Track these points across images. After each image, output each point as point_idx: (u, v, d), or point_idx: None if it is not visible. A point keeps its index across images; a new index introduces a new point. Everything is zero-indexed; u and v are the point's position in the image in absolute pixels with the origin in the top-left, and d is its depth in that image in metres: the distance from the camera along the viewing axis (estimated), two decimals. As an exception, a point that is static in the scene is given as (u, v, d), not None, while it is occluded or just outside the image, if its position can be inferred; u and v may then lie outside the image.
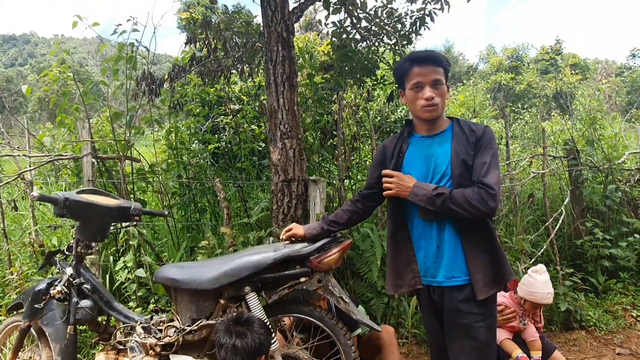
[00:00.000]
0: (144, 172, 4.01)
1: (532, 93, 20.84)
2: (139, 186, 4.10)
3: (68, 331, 2.06)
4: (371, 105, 5.91)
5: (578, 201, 4.25)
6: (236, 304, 1.89)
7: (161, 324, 2.02)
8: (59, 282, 2.08)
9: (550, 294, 2.39)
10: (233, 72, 5.02)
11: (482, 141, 1.68)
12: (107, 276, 3.27)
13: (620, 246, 3.96)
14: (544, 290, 2.37)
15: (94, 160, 3.38)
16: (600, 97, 10.68)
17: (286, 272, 1.85)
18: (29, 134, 4.53)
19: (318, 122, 4.61)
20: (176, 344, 1.91)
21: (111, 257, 3.37)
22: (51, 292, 2.06)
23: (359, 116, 5.14)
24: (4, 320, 2.41)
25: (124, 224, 3.13)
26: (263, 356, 1.68)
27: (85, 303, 2.07)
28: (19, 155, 4.16)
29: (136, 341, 1.96)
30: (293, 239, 1.96)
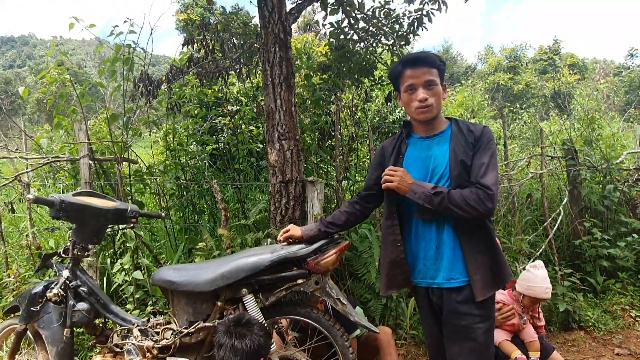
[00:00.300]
0: (142, 173, 4.00)
1: (530, 93, 20.84)
2: (137, 188, 4.09)
3: (65, 334, 2.05)
4: (369, 106, 5.90)
5: (576, 201, 4.25)
6: (233, 306, 1.89)
7: (158, 326, 2.01)
8: (56, 284, 2.07)
9: (548, 289, 2.42)
10: (231, 74, 5.01)
11: (481, 141, 1.68)
12: (105, 278, 3.27)
13: (619, 246, 3.97)
14: (543, 284, 2.41)
15: (91, 162, 3.39)
16: (598, 97, 10.69)
17: (283, 274, 1.85)
18: (27, 135, 4.52)
19: (316, 123, 4.61)
20: (173, 346, 1.91)
21: (108, 259, 3.36)
22: (48, 294, 2.05)
23: (357, 117, 5.13)
24: (0, 323, 2.40)
25: (121, 225, 3.12)
26: (262, 359, 1.67)
27: (82, 306, 2.07)
28: (16, 158, 4.15)
29: (133, 344, 1.95)
30: (290, 240, 1.95)
